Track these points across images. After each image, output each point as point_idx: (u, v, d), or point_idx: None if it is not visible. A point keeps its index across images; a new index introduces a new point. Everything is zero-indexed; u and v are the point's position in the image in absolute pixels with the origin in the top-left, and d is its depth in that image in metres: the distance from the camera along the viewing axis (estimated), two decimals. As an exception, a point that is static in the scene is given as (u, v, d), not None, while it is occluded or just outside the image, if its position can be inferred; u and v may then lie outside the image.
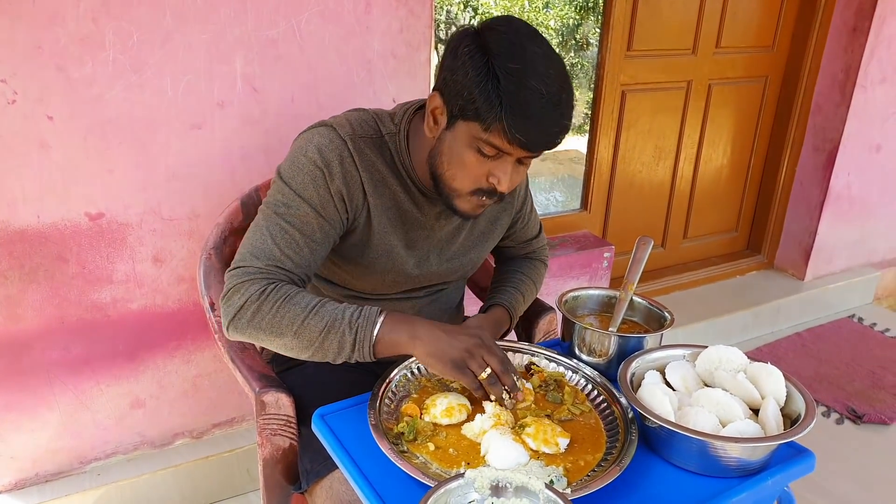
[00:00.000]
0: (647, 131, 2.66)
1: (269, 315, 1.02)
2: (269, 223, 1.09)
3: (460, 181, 1.08)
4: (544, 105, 0.98)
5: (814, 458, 1.00)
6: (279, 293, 1.03)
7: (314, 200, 1.10)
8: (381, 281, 1.24)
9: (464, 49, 1.01)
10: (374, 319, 1.03)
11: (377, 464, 0.93)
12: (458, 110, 1.02)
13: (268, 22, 1.57)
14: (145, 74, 1.48)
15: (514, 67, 0.97)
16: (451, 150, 1.06)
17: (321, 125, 1.15)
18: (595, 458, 0.97)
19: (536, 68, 0.98)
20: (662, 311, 1.22)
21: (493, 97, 0.97)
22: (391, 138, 1.16)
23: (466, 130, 1.03)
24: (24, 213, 1.47)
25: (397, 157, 1.17)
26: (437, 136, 1.09)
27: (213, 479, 1.83)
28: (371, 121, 1.17)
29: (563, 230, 2.56)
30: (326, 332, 1.02)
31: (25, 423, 1.61)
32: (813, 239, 3.03)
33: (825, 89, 2.87)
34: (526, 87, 0.97)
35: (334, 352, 1.03)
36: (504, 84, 0.97)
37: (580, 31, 6.66)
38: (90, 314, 1.60)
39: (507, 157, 1.04)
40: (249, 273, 1.06)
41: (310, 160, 1.10)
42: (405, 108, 1.19)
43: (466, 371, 1.00)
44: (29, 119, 1.41)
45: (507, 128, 0.98)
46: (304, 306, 1.03)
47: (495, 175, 1.06)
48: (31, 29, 1.36)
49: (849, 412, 2.39)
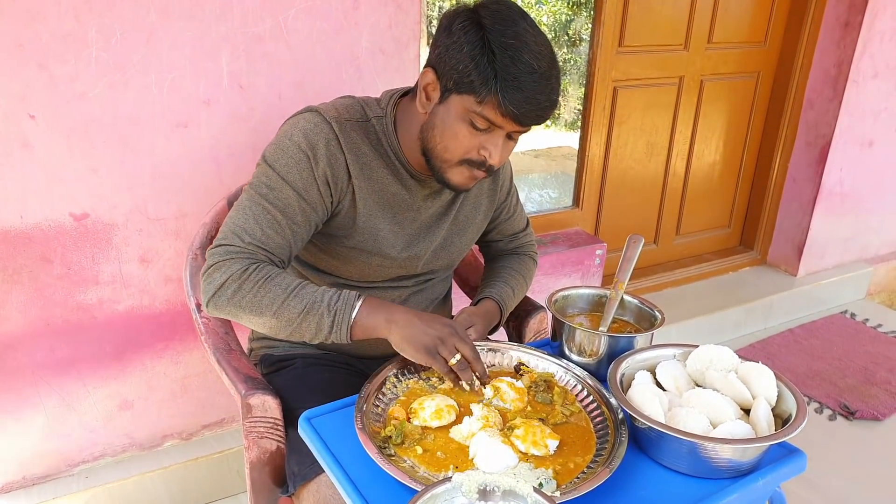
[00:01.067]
0: (639, 127, 2.65)
1: (249, 294, 1.05)
2: (253, 204, 1.11)
3: (452, 152, 1.10)
4: (536, 80, 1.02)
5: (805, 458, 0.99)
6: (260, 273, 1.06)
7: (297, 184, 1.11)
8: (367, 266, 1.24)
9: (458, 25, 1.04)
10: (352, 303, 1.06)
11: (364, 467, 0.92)
12: (452, 84, 1.05)
13: (254, 18, 1.55)
14: (129, 72, 1.46)
15: (509, 42, 1.01)
16: (444, 123, 1.09)
17: (307, 110, 1.18)
18: (585, 460, 0.96)
19: (528, 44, 1.02)
20: (653, 311, 1.21)
21: (487, 71, 1.01)
22: (378, 121, 1.19)
23: (460, 103, 1.06)
24: (7, 213, 1.44)
25: (385, 139, 1.19)
26: (430, 111, 1.11)
27: (202, 480, 1.81)
28: (357, 106, 1.19)
29: (555, 227, 2.55)
30: (305, 314, 1.05)
31: (11, 426, 1.59)
32: (805, 235, 3.03)
33: (817, 85, 2.87)
34: (520, 61, 1.00)
35: (311, 332, 1.06)
36: (499, 58, 1.00)
37: (572, 27, 6.65)
38: (76, 315, 1.58)
39: (499, 131, 1.08)
40: (231, 252, 1.08)
41: (295, 144, 1.12)
42: (391, 94, 1.22)
43: (437, 357, 1.04)
44: (10, 118, 1.39)
45: (501, 101, 1.01)
46: (285, 287, 1.06)
47: (486, 148, 1.09)
48: (11, 26, 1.33)
49: (841, 408, 2.39)
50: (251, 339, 1.44)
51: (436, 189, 1.24)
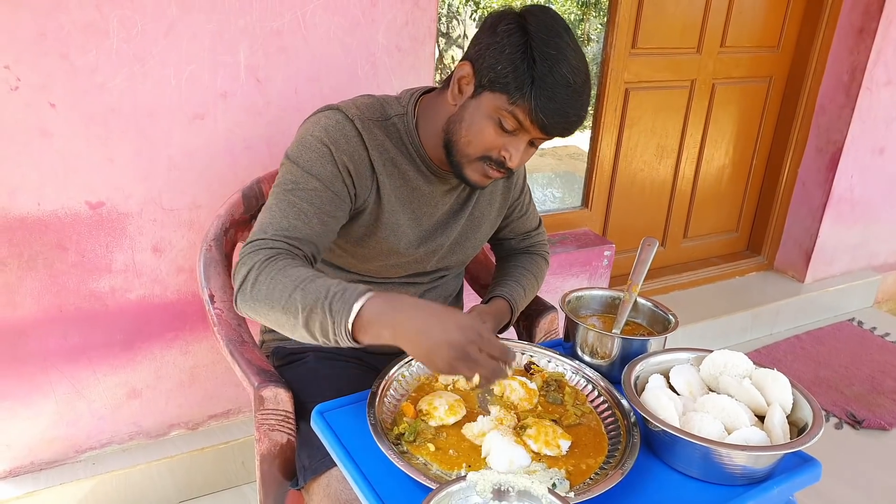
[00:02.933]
0: (650, 130, 2.65)
1: (265, 286, 0.98)
2: (279, 201, 1.10)
3: (474, 147, 1.11)
4: (570, 94, 1.04)
5: (820, 467, 0.99)
6: (278, 263, 1.00)
7: (323, 175, 1.11)
8: (385, 263, 1.25)
9: (504, 27, 1.05)
10: (350, 304, 0.92)
11: (376, 463, 0.92)
12: (487, 81, 1.07)
13: (273, 13, 1.55)
14: (148, 63, 1.47)
15: (550, 53, 1.03)
16: (472, 118, 1.10)
17: (327, 108, 1.18)
18: (597, 462, 0.96)
19: (568, 58, 1.04)
20: (667, 314, 1.22)
21: (525, 76, 1.03)
22: (399, 119, 1.20)
23: (491, 101, 1.07)
24: (25, 200, 1.45)
25: (406, 137, 1.20)
26: (460, 105, 1.12)
27: (207, 470, 1.82)
28: (377, 104, 1.20)
29: (564, 227, 2.55)
30: (310, 313, 0.94)
31: (21, 411, 1.60)
32: (814, 241, 3.02)
33: (830, 91, 2.86)
34: (557, 72, 1.02)
35: (321, 335, 0.95)
36: (539, 66, 1.02)
37: (581, 27, 6.63)
38: (88, 303, 1.59)
39: (523, 135, 1.09)
40: (256, 245, 1.05)
41: (317, 139, 1.13)
42: (411, 92, 1.23)
43: (458, 373, 0.90)
44: (31, 106, 1.39)
45: (533, 108, 1.03)
46: (295, 278, 0.97)
47: (508, 150, 1.10)
48: (34, 16, 1.34)
49: (848, 417, 2.39)
50: (263, 332, 1.44)
51: (454, 185, 1.26)
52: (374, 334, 0.92)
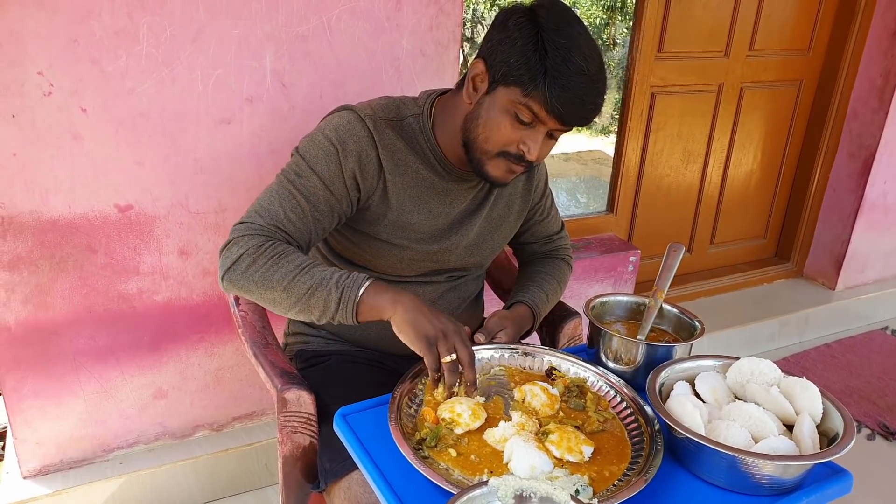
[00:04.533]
0: (677, 134, 2.62)
1: (262, 269, 1.06)
2: (280, 188, 1.14)
3: (492, 143, 1.12)
4: (584, 81, 1.04)
5: (851, 479, 0.97)
6: (275, 249, 1.07)
7: (324, 175, 1.14)
8: (398, 260, 1.25)
9: (514, 21, 1.06)
10: (360, 283, 1.05)
11: (398, 466, 0.92)
12: (500, 76, 1.07)
13: (298, 18, 1.57)
14: (177, 68, 1.49)
15: (562, 42, 1.03)
16: (489, 114, 1.11)
17: (343, 108, 1.21)
18: (620, 469, 0.95)
19: (581, 47, 1.04)
20: (693, 320, 1.20)
21: (538, 67, 1.03)
22: (415, 119, 1.21)
23: (506, 95, 1.08)
24: (56, 203, 1.48)
25: (422, 137, 1.21)
26: (476, 102, 1.13)
27: (231, 472, 1.84)
28: (392, 105, 1.22)
29: (589, 232, 2.53)
30: (314, 290, 1.05)
31: (51, 410, 1.63)
32: (845, 248, 2.96)
33: (863, 94, 2.81)
34: (570, 61, 1.03)
35: (319, 310, 1.06)
36: (551, 56, 1.02)
37: (607, 31, 6.61)
38: (117, 304, 1.62)
39: (541, 127, 1.09)
40: (251, 228, 1.10)
41: (326, 137, 1.16)
42: (428, 93, 1.25)
43: (433, 349, 1.02)
44: (63, 111, 1.42)
45: (548, 97, 1.03)
46: (298, 264, 1.07)
47: (526, 143, 1.10)
48: (67, 22, 1.37)
49: (880, 427, 2.33)
50: (287, 334, 1.45)
51: (471, 184, 1.26)
52: (374, 308, 1.05)
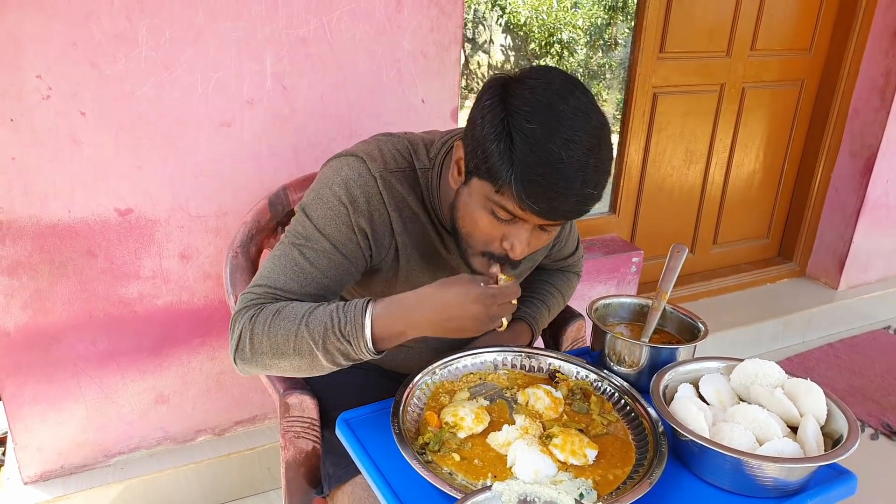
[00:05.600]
0: (679, 134, 2.61)
1: (265, 336, 0.96)
2: (283, 255, 1.05)
3: (475, 240, 1.00)
4: (561, 172, 0.88)
5: (856, 481, 0.96)
6: (266, 309, 0.98)
7: (334, 237, 1.04)
8: None
9: (486, 101, 0.93)
10: (361, 322, 0.93)
11: (401, 471, 0.92)
12: (472, 167, 0.95)
13: (299, 20, 1.56)
14: (176, 72, 1.48)
15: (531, 128, 0.88)
16: (467, 208, 0.99)
17: (350, 155, 1.09)
18: (624, 472, 0.94)
19: (560, 130, 0.88)
20: (696, 322, 1.19)
21: (505, 158, 0.89)
22: (423, 174, 1.10)
23: (480, 189, 0.95)
24: (55, 207, 1.47)
25: (426, 195, 1.10)
26: (457, 190, 1.01)
27: (234, 476, 1.83)
28: (406, 152, 1.11)
29: (592, 234, 2.52)
30: (324, 344, 0.94)
31: (52, 416, 1.62)
32: (848, 247, 2.95)
33: (864, 94, 2.80)
34: (542, 150, 0.87)
35: (343, 360, 0.96)
36: (518, 146, 0.88)
37: (608, 31, 6.60)
38: (117, 309, 1.61)
39: (524, 224, 0.96)
40: (247, 300, 1.02)
41: (334, 194, 1.05)
42: (444, 139, 1.12)
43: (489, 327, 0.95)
44: (62, 114, 1.42)
45: (517, 193, 0.89)
46: (295, 315, 0.96)
47: (509, 240, 0.97)
48: (66, 26, 1.36)
49: (884, 427, 2.32)
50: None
51: None
52: (394, 337, 0.95)
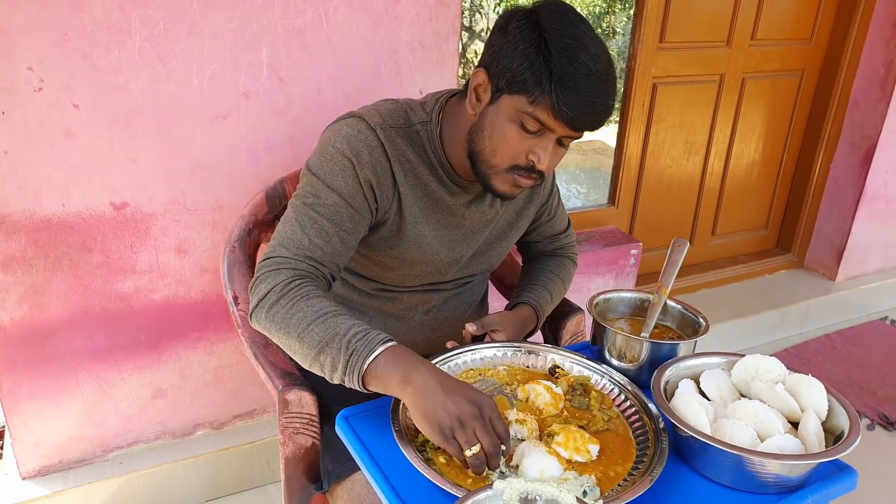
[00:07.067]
0: (678, 125, 2.60)
1: (283, 310, 0.99)
2: (299, 214, 1.08)
3: (500, 156, 1.06)
4: (593, 82, 0.98)
5: (856, 476, 0.96)
6: (301, 290, 1.00)
7: (343, 190, 1.08)
8: (409, 272, 1.22)
9: (515, 24, 1.01)
10: (373, 347, 0.93)
11: (401, 468, 0.91)
12: (504, 84, 1.01)
13: (295, 10, 1.54)
14: (171, 63, 1.47)
15: (566, 43, 0.97)
16: (493, 125, 1.05)
17: (349, 116, 1.14)
18: (625, 469, 0.94)
19: (587, 46, 0.98)
20: (697, 317, 1.18)
21: (542, 71, 0.97)
22: (423, 127, 1.15)
23: (511, 104, 1.02)
24: (49, 201, 1.46)
25: (429, 146, 1.15)
26: (480, 112, 1.07)
27: (232, 470, 1.83)
28: (401, 111, 1.16)
29: (591, 225, 2.51)
30: (324, 345, 0.95)
31: (49, 411, 1.62)
32: (846, 238, 2.95)
33: (864, 84, 2.78)
34: (577, 62, 0.97)
35: (328, 368, 0.96)
36: (556, 58, 0.97)
37: (606, 20, 6.55)
38: (113, 304, 1.60)
39: (550, 135, 1.03)
40: (278, 262, 1.04)
41: (338, 150, 1.09)
42: (436, 97, 1.18)
43: (452, 441, 0.87)
44: (55, 107, 1.40)
45: (556, 101, 0.97)
46: (317, 310, 0.97)
47: (535, 152, 1.04)
48: (57, 16, 1.34)
49: (880, 418, 2.33)
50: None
51: (478, 194, 1.21)
52: (383, 381, 0.93)
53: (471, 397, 0.89)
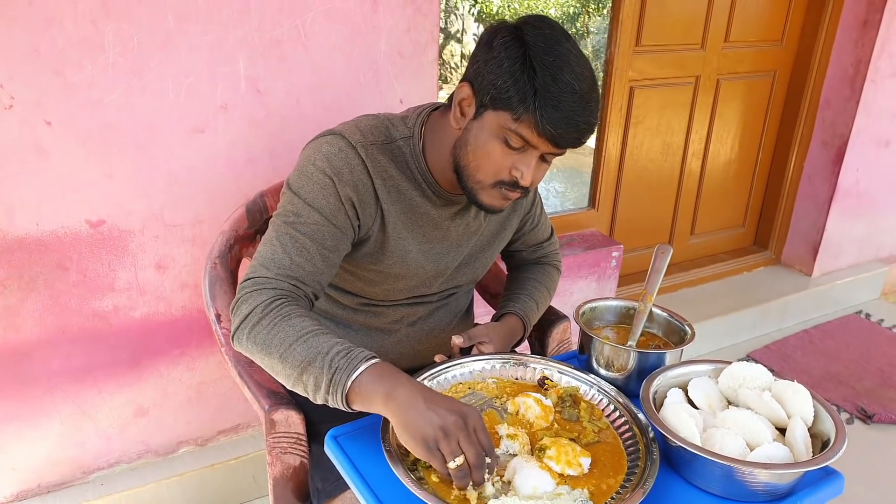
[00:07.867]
0: (656, 127, 2.62)
1: (265, 330, 0.98)
2: (280, 233, 1.07)
3: (484, 172, 1.06)
4: (576, 101, 0.98)
5: (843, 480, 0.98)
6: (282, 310, 0.99)
7: (324, 208, 1.07)
8: (394, 286, 1.22)
9: (500, 40, 1.01)
10: (356, 364, 0.92)
11: (391, 488, 0.90)
12: (488, 100, 1.02)
13: (272, 22, 1.52)
14: (146, 77, 1.44)
15: (551, 61, 0.98)
16: (477, 140, 1.05)
17: (329, 133, 1.12)
18: (617, 481, 0.94)
19: (570, 64, 0.99)
20: (683, 325, 1.19)
21: (527, 88, 0.98)
22: (405, 142, 1.15)
23: (495, 120, 1.02)
24: (23, 221, 1.42)
25: (412, 161, 1.15)
26: (464, 128, 1.07)
27: (218, 486, 1.80)
28: (381, 126, 1.15)
29: (571, 229, 2.52)
30: (307, 364, 0.94)
31: (26, 434, 1.58)
32: (821, 235, 3.00)
33: (834, 84, 2.83)
34: (561, 80, 0.97)
35: (311, 388, 0.94)
36: (540, 76, 0.97)
37: (580, 21, 6.60)
38: (92, 323, 1.57)
39: (533, 151, 1.04)
40: (259, 283, 1.02)
41: (318, 169, 1.08)
42: (418, 111, 1.17)
43: (436, 453, 0.86)
44: (26, 124, 1.37)
45: (539, 120, 0.98)
46: (298, 330, 0.96)
47: (518, 168, 1.05)
48: (27, 32, 1.31)
49: (858, 411, 2.37)
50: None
51: (462, 206, 1.21)
52: (366, 399, 0.91)
53: (454, 408, 0.88)
